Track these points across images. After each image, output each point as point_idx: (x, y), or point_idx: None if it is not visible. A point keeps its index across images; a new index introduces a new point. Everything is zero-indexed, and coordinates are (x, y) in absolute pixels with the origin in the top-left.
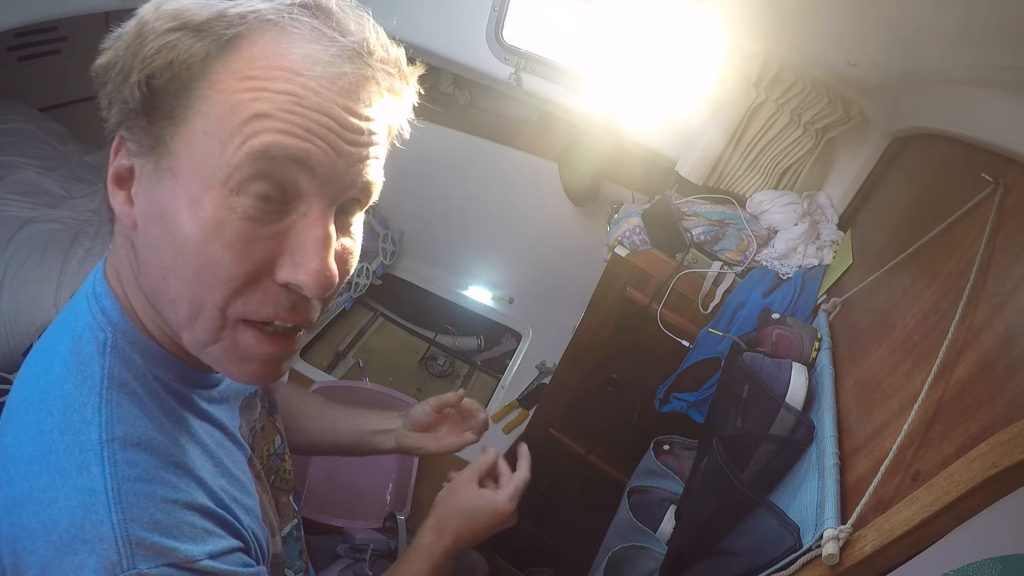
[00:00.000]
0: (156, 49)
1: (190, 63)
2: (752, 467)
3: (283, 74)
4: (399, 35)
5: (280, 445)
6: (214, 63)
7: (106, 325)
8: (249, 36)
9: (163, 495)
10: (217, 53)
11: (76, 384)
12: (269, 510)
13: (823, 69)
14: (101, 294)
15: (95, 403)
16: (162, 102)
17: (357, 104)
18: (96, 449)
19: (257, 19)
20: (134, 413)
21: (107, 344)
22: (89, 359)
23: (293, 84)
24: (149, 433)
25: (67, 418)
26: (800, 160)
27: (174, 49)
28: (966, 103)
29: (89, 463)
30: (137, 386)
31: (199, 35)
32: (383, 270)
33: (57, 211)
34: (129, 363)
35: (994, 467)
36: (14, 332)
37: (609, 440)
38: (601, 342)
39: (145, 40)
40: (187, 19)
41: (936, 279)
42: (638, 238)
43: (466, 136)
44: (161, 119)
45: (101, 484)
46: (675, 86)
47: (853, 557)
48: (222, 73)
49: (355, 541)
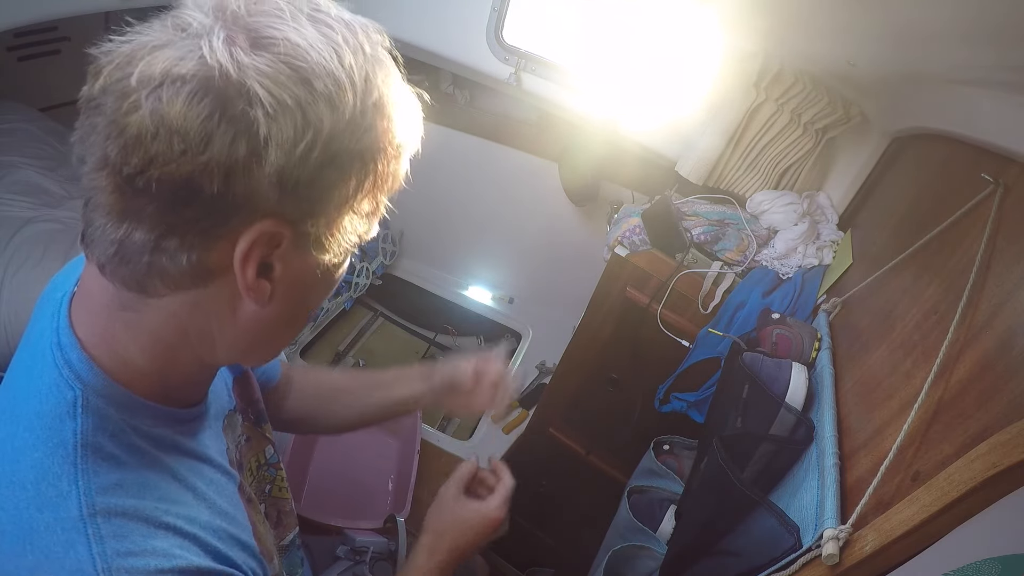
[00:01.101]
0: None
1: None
2: (752, 467)
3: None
4: (399, 35)
5: (273, 455)
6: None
7: (74, 382)
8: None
9: (157, 565)
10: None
11: (47, 452)
12: (264, 535)
13: (823, 69)
14: (67, 346)
15: (70, 474)
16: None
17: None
18: (79, 526)
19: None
20: (113, 480)
21: (77, 404)
22: (58, 423)
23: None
24: (132, 499)
25: (42, 492)
26: (800, 160)
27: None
28: (966, 103)
29: (74, 542)
30: (114, 447)
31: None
32: (383, 270)
33: (57, 211)
34: (104, 420)
35: (994, 467)
36: (14, 332)
37: (609, 440)
38: (601, 342)
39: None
40: (379, 138)
41: (936, 279)
42: (638, 238)
43: (466, 136)
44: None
45: (89, 564)
46: (675, 86)
47: (853, 557)
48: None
49: (355, 543)
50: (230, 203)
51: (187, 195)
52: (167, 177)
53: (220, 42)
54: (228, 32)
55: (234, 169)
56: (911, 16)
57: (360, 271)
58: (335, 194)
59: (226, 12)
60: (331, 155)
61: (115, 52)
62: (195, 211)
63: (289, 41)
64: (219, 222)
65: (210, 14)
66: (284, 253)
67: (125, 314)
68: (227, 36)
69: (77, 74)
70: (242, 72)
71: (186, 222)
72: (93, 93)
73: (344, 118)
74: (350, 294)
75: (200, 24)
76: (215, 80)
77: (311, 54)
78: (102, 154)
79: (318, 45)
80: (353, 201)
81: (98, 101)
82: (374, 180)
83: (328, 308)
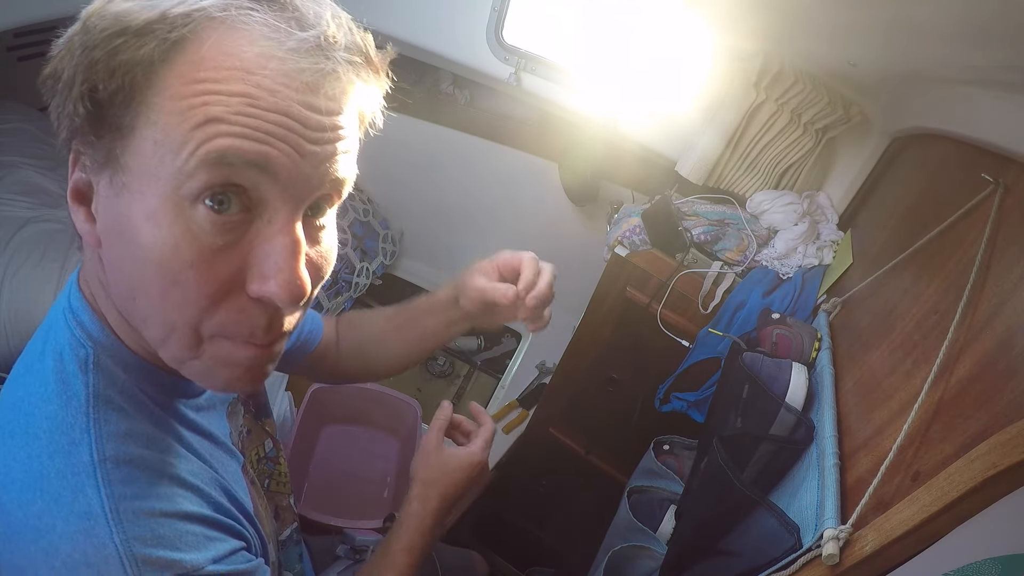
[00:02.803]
0: (95, 59)
1: (133, 71)
2: (752, 467)
3: (235, 74)
4: (400, 35)
5: (272, 448)
6: (159, 68)
7: (86, 341)
8: (195, 37)
9: (161, 508)
10: (162, 57)
11: (61, 405)
12: (264, 516)
13: (823, 69)
14: (78, 308)
15: (82, 423)
16: (108, 114)
17: (318, 99)
18: (89, 471)
19: (203, 17)
20: (123, 429)
21: (89, 360)
22: (72, 377)
23: (247, 84)
24: (140, 448)
25: (55, 440)
26: (800, 160)
27: (115, 57)
28: (966, 103)
29: (83, 486)
30: (123, 401)
31: (141, 39)
32: (383, 270)
33: (57, 211)
34: (113, 378)
35: (994, 467)
36: (14, 332)
37: (609, 440)
38: (601, 342)
39: (85, 48)
40: (127, 23)
41: (936, 279)
42: (638, 238)
43: (466, 136)
44: (110, 132)
45: (99, 506)
46: (675, 86)
47: (853, 557)
48: (169, 78)
49: (355, 542)
50: (62, 124)
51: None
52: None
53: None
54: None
55: (61, 95)
56: (912, 16)
57: (360, 271)
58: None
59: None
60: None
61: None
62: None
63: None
64: (62, 142)
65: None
66: (99, 186)
67: (92, 254)
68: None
69: None
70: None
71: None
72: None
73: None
74: (350, 294)
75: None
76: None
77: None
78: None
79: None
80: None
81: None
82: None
83: (328, 308)
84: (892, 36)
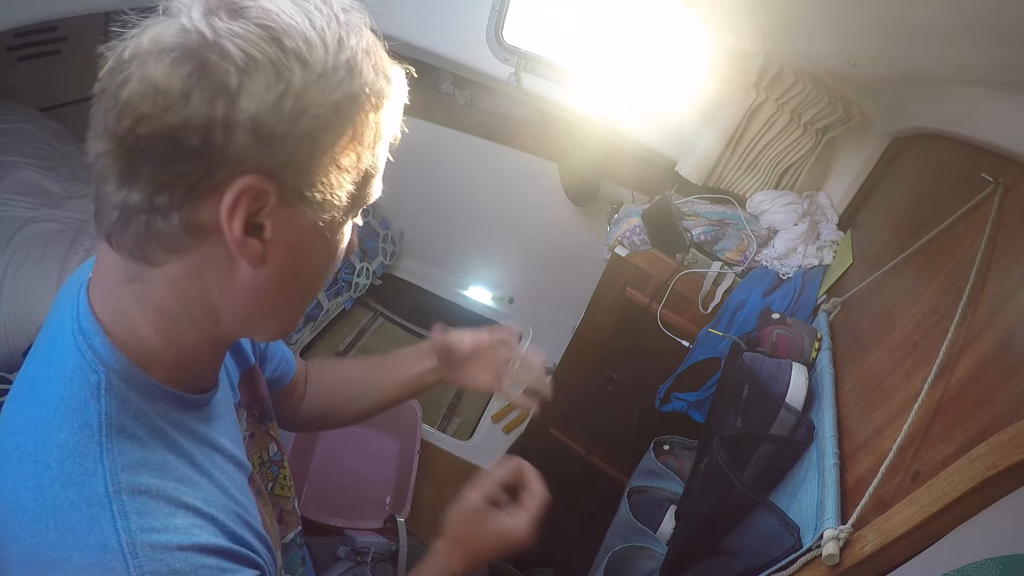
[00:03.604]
0: (335, 108)
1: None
2: (752, 467)
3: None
4: (400, 35)
5: (276, 452)
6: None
7: (98, 365)
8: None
9: (178, 542)
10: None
11: (72, 432)
12: (271, 527)
13: (823, 69)
14: (89, 331)
15: (96, 453)
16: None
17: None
18: (104, 503)
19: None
20: (137, 459)
21: (101, 386)
22: (83, 404)
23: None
24: (155, 478)
25: (67, 470)
26: (800, 160)
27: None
28: (966, 103)
29: (99, 518)
30: (136, 428)
31: (355, 102)
32: (383, 270)
33: (57, 211)
34: (126, 403)
35: (994, 467)
36: (14, 332)
37: (609, 440)
38: (601, 342)
39: (326, 89)
40: (354, 90)
41: (936, 279)
42: (638, 238)
43: (466, 136)
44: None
45: (114, 540)
46: (675, 86)
47: (853, 557)
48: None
49: (356, 544)
50: (212, 156)
51: (173, 150)
52: (154, 133)
53: (199, 13)
54: (207, 5)
55: (213, 122)
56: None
57: (360, 271)
58: (312, 146)
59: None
60: (303, 107)
61: (117, 44)
62: (181, 166)
63: (262, 7)
64: (204, 176)
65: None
66: (273, 211)
67: (132, 286)
68: (206, 8)
69: (77, 74)
70: (217, 35)
71: (174, 178)
72: (98, 82)
73: (315, 72)
74: (350, 294)
75: (182, 3)
76: (193, 44)
77: (282, 17)
78: (102, 125)
79: (290, 10)
80: (333, 152)
81: (102, 85)
82: (352, 133)
83: (328, 308)
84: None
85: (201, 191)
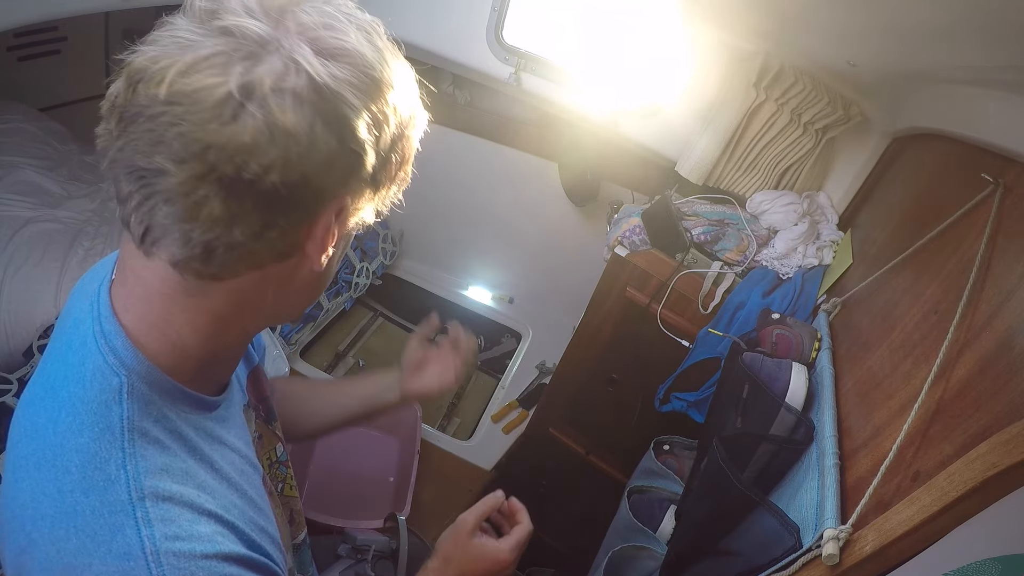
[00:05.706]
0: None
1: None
2: (752, 467)
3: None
4: (400, 35)
5: (283, 452)
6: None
7: (119, 368)
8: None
9: (202, 551)
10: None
11: (93, 437)
12: (282, 526)
13: (823, 69)
14: (111, 333)
15: (118, 458)
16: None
17: None
18: (127, 509)
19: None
20: (159, 464)
21: (123, 390)
22: (104, 407)
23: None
24: (177, 485)
25: (88, 476)
26: (800, 160)
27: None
28: (966, 103)
29: (122, 525)
30: (158, 431)
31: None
32: (383, 270)
33: (57, 211)
34: (148, 406)
35: (994, 467)
36: (14, 332)
37: (609, 440)
38: (601, 342)
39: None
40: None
41: (936, 279)
42: (638, 238)
43: (466, 136)
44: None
45: (138, 547)
46: (675, 86)
47: (853, 557)
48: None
49: (356, 542)
50: (329, 192)
51: (299, 192)
52: (286, 179)
53: (310, 54)
54: (303, 42)
55: (335, 165)
56: (911, 16)
57: (360, 271)
58: (392, 171)
59: (284, 19)
60: (394, 142)
61: (162, 59)
62: (303, 203)
63: (357, 52)
64: (317, 209)
65: (262, 18)
66: (343, 220)
67: (190, 300)
68: (312, 50)
69: (77, 74)
70: (336, 82)
71: (289, 213)
72: (138, 100)
73: (404, 116)
74: (350, 294)
75: (262, 32)
76: (313, 90)
77: (372, 62)
78: (189, 161)
79: (371, 53)
80: (400, 172)
81: (156, 110)
82: (404, 153)
83: (328, 308)
84: (891, 36)
85: (305, 222)
